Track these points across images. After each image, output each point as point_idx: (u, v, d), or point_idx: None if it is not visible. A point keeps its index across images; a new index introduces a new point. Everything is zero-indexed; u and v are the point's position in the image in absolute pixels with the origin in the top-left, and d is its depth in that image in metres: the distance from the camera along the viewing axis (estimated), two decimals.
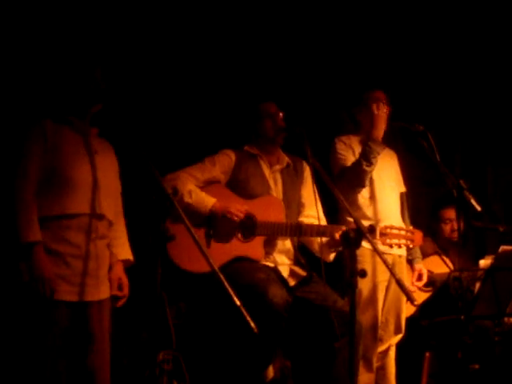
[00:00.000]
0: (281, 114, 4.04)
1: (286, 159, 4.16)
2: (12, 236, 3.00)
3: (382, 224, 3.93)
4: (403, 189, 4.56)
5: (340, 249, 3.90)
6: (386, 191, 4.37)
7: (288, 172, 4.15)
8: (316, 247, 3.98)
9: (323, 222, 3.98)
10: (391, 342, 4.37)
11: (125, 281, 3.32)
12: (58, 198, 3.10)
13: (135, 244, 3.44)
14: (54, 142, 3.13)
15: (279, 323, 3.66)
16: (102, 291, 3.21)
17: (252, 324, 2.70)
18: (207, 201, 3.89)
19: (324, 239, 3.87)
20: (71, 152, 3.16)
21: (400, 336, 4.40)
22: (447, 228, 5.16)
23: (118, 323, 3.42)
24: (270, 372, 3.82)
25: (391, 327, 4.35)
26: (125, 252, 3.36)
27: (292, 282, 3.93)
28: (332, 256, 3.93)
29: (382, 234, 3.84)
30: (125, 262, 3.36)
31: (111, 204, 3.27)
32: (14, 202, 3.03)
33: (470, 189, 4.11)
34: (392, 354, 4.39)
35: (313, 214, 3.93)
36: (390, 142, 4.51)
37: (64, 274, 3.09)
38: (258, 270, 3.84)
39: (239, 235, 3.93)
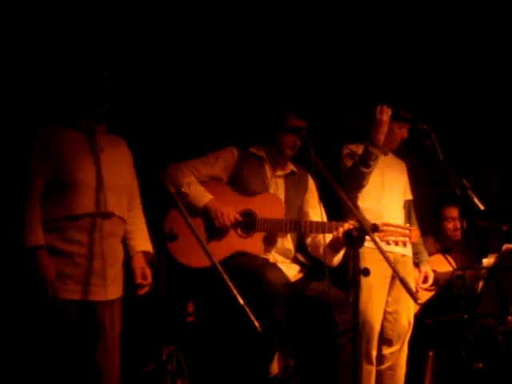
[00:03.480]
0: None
1: (290, 167, 4.17)
2: (17, 241, 3.07)
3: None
4: (410, 197, 4.59)
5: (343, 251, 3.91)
6: (390, 201, 4.42)
7: (292, 179, 4.17)
8: (321, 252, 3.95)
9: None
10: (403, 340, 4.38)
11: (147, 270, 3.33)
12: (62, 200, 3.13)
13: None
14: (56, 147, 3.15)
15: (279, 304, 3.70)
16: (110, 292, 3.21)
17: (256, 323, 2.70)
18: (204, 196, 3.93)
19: (327, 241, 3.88)
20: (74, 154, 3.17)
21: (409, 333, 4.40)
22: (449, 226, 5.16)
23: (123, 322, 3.42)
24: (274, 368, 3.83)
25: (401, 323, 4.36)
26: (143, 244, 3.37)
27: (293, 279, 3.95)
28: (336, 259, 3.92)
29: (379, 231, 3.85)
30: (144, 253, 3.38)
31: (121, 200, 3.27)
32: (19, 208, 3.09)
33: (473, 188, 4.11)
34: (404, 356, 4.40)
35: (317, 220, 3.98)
36: (401, 151, 4.55)
37: (73, 273, 3.13)
38: (257, 259, 3.91)
39: (239, 231, 3.96)
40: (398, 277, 3.19)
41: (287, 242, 4.07)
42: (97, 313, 3.17)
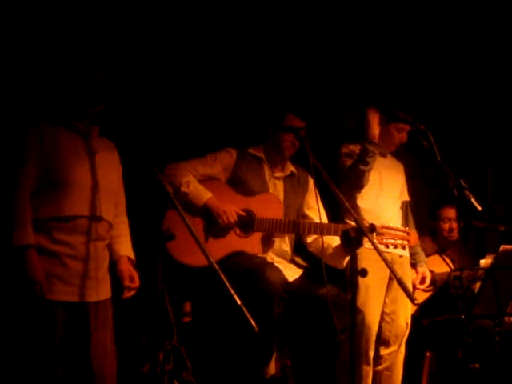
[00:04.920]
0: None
1: (290, 168, 4.16)
2: (6, 239, 3.03)
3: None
4: (407, 198, 4.60)
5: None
6: (387, 202, 4.43)
7: (291, 181, 4.16)
8: (328, 255, 3.93)
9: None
10: (400, 340, 4.39)
11: (134, 273, 3.32)
12: (55, 200, 3.10)
13: (136, 243, 3.44)
14: (51, 145, 3.11)
15: (278, 304, 3.70)
16: (101, 292, 3.19)
17: (253, 323, 2.69)
18: (203, 194, 3.93)
19: (336, 244, 3.88)
20: (69, 154, 3.14)
21: (407, 333, 4.41)
22: (445, 227, 5.17)
23: (120, 323, 3.41)
24: (272, 368, 3.83)
25: (398, 323, 4.38)
26: (125, 249, 3.36)
27: (291, 279, 3.95)
28: (345, 261, 3.92)
29: (378, 234, 3.86)
30: (128, 258, 3.36)
31: (111, 205, 3.25)
32: (9, 206, 3.05)
33: (471, 188, 4.11)
34: (401, 356, 4.42)
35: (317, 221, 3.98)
36: (398, 150, 4.55)
37: (61, 274, 3.09)
38: (256, 258, 3.91)
39: (238, 231, 3.96)
40: (395, 277, 3.19)
41: (285, 244, 4.07)
42: (88, 313, 3.15)
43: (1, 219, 3.06)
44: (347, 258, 3.89)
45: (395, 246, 3.93)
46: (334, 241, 3.92)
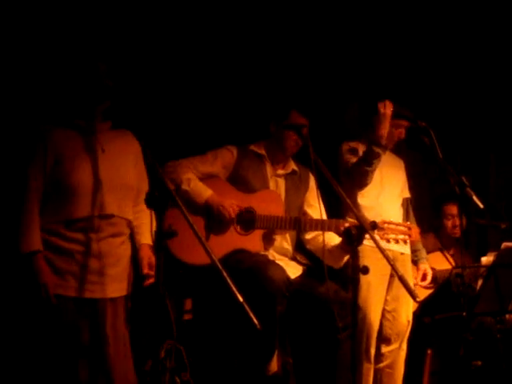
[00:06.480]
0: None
1: (292, 166, 4.15)
2: (15, 246, 3.11)
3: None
4: (408, 195, 4.59)
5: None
6: (388, 199, 4.42)
7: (292, 179, 4.14)
8: (327, 254, 3.88)
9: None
10: (401, 338, 4.39)
11: (154, 259, 3.32)
12: (61, 205, 3.15)
13: None
14: (54, 150, 3.15)
15: (280, 302, 3.69)
16: (110, 290, 3.22)
17: (255, 321, 2.69)
18: (204, 192, 3.92)
19: (334, 243, 3.88)
20: (71, 156, 3.17)
21: (408, 331, 4.41)
22: (449, 223, 5.17)
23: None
24: (273, 366, 3.83)
25: (400, 321, 4.38)
26: (146, 237, 3.38)
27: (292, 276, 3.94)
28: (343, 261, 3.91)
29: (380, 229, 3.86)
30: (149, 246, 3.39)
31: (123, 200, 3.27)
32: (18, 213, 3.12)
33: (472, 186, 4.11)
34: (403, 354, 4.42)
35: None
36: (400, 148, 4.55)
37: (73, 270, 3.15)
38: (257, 256, 3.90)
39: (238, 228, 3.95)
40: (397, 275, 3.19)
41: (286, 242, 4.06)
42: (98, 310, 3.19)
43: (9, 225, 3.12)
44: (345, 258, 3.89)
45: (396, 241, 3.91)
46: (333, 240, 3.91)
